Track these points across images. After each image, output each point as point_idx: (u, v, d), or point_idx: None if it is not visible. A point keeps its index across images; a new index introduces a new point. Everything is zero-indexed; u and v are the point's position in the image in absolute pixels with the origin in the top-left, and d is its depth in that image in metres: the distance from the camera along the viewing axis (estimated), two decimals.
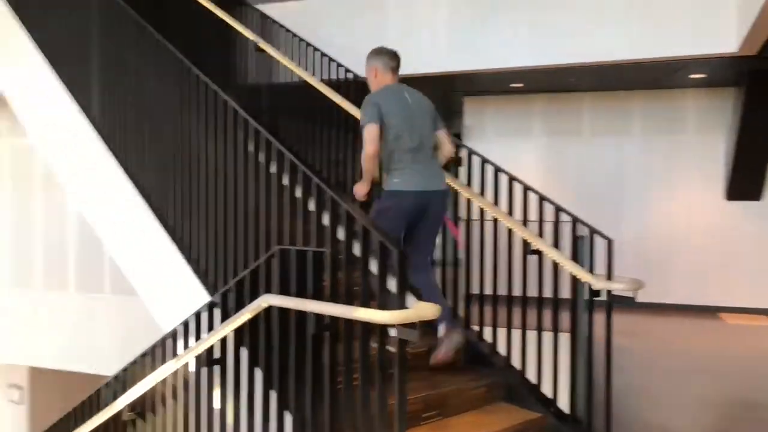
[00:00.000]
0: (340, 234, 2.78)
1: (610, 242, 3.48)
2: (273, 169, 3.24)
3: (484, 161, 4.10)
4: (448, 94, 8.87)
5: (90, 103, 4.98)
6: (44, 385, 9.59)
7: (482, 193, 4.11)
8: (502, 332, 3.94)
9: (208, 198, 3.75)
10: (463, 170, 4.28)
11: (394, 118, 3.41)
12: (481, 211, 4.04)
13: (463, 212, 4.22)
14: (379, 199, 3.53)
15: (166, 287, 4.20)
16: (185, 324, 3.41)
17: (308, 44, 5.79)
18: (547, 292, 3.76)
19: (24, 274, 8.69)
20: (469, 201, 4.13)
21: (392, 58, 3.67)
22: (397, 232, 3.39)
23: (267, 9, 6.73)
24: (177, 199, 4.04)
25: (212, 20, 6.18)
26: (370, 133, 3.35)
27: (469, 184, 4.16)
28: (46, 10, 5.69)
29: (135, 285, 4.48)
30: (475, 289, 4.14)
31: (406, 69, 6.79)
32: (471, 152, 4.21)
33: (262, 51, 5.62)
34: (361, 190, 3.51)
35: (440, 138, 3.67)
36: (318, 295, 2.73)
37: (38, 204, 8.61)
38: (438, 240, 4.27)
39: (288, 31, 6.06)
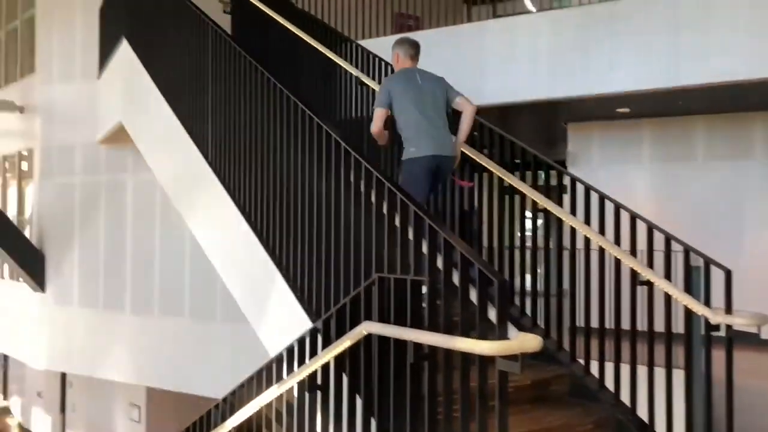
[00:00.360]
0: (440, 262, 2.77)
1: (728, 273, 3.25)
2: (373, 197, 3.30)
3: (589, 189, 3.97)
4: (551, 121, 8.70)
5: (204, 138, 5.32)
6: (160, 405, 10.15)
7: (587, 221, 3.98)
8: (609, 367, 3.76)
9: (311, 227, 3.87)
10: (566, 198, 4.17)
11: (405, 98, 4.00)
12: (587, 241, 3.91)
13: (567, 241, 4.10)
14: (401, 172, 4.06)
15: (272, 314, 4.35)
16: (289, 349, 3.50)
17: None
18: (659, 326, 3.56)
19: (144, 301, 9.28)
20: (573, 230, 4.01)
21: (412, 46, 4.30)
22: (423, 194, 3.90)
23: (368, 44, 6.93)
24: (283, 229, 4.19)
25: (317, 57, 6.46)
26: (376, 115, 4.03)
27: (573, 212, 4.05)
28: (167, 57, 6.17)
29: (245, 311, 4.68)
30: (580, 321, 3.99)
31: (506, 96, 6.80)
32: (575, 180, 4.10)
33: (364, 84, 5.80)
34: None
35: (460, 103, 4.15)
36: (417, 324, 2.72)
37: (157, 234, 9.21)
38: (540, 270, 4.18)
39: (388, 64, 6.20)
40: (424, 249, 2.91)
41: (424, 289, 2.78)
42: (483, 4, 8.17)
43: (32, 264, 9.74)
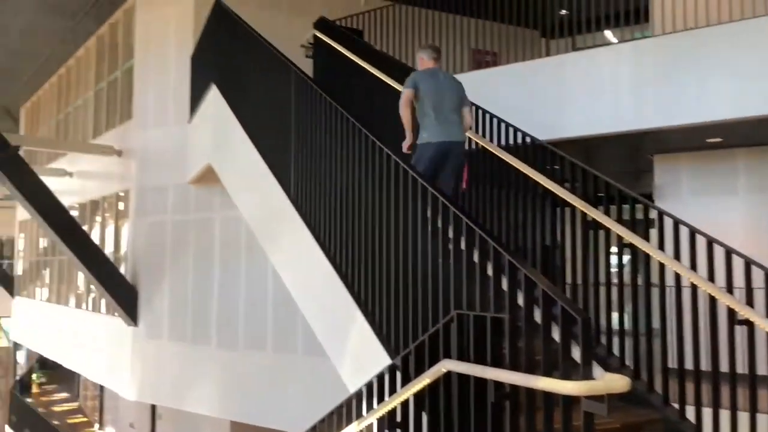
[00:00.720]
0: (520, 299, 2.71)
1: None
2: (451, 233, 3.29)
3: (678, 223, 3.80)
4: (636, 153, 8.41)
5: (287, 177, 5.49)
6: None
7: (677, 257, 3.79)
8: (707, 412, 3.52)
9: (390, 263, 3.88)
10: (654, 233, 4.00)
11: (427, 91, 4.59)
12: (677, 277, 3.72)
13: (655, 277, 3.91)
14: (414, 152, 4.61)
15: (351, 349, 4.37)
16: (368, 386, 3.50)
17: (485, 111, 5.89)
18: (762, 369, 3.31)
19: (229, 335, 9.54)
20: (662, 266, 3.83)
21: (434, 50, 4.95)
22: (428, 172, 4.37)
23: None
24: (361, 265, 4.23)
25: (394, 95, 6.57)
26: (404, 92, 4.61)
27: (661, 247, 3.87)
28: (253, 100, 6.46)
29: (325, 346, 4.73)
30: (673, 363, 3.77)
31: (588, 129, 6.65)
32: (662, 213, 3.93)
33: None
34: (405, 144, 4.56)
35: (464, 113, 4.78)
36: (497, 362, 2.66)
37: (242, 270, 9.50)
38: (628, 307, 4.01)
39: None
40: (504, 285, 2.85)
41: (505, 327, 2.72)
42: (561, 38, 8.10)
43: (126, 299, 10.25)
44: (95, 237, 12.16)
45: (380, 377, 3.39)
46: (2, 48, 13.44)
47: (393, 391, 3.26)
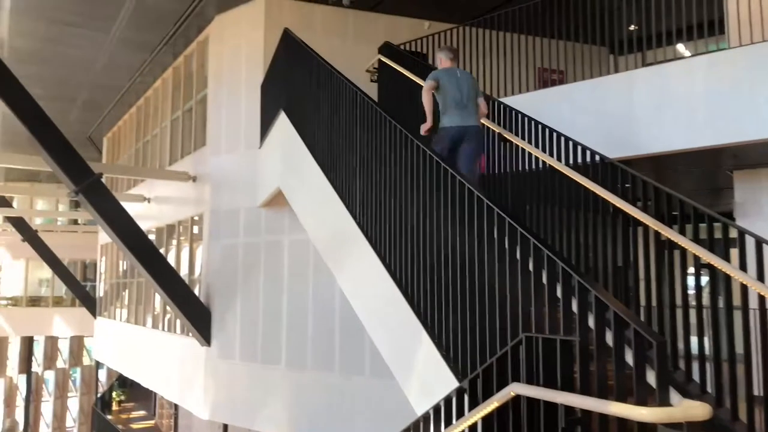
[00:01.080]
0: (591, 322, 2.64)
1: None
2: (518, 254, 3.24)
3: (761, 242, 3.61)
4: (714, 170, 8.07)
5: (353, 199, 5.57)
6: None
7: (761, 278, 3.60)
8: None
9: (456, 284, 3.86)
10: (734, 252, 3.82)
11: (446, 86, 5.35)
12: (761, 299, 3.53)
13: (737, 299, 3.72)
14: (436, 136, 5.35)
15: (418, 371, 4.35)
16: (436, 409, 3.47)
17: (551, 130, 5.81)
18: None
19: (298, 355, 9.68)
20: (744, 287, 3.64)
21: (451, 51, 5.70)
22: (444, 152, 5.13)
23: (511, 101, 6.95)
24: (427, 286, 4.22)
25: None
26: (427, 83, 5.37)
27: (743, 268, 3.69)
28: (319, 125, 6.60)
29: (391, 367, 4.72)
30: (759, 390, 3.57)
31: (660, 146, 6.44)
32: (743, 232, 3.75)
33: (507, 140, 5.79)
34: (424, 127, 5.28)
35: (479, 102, 5.50)
36: (567, 386, 2.59)
37: (310, 291, 9.64)
38: (709, 331, 3.83)
39: (531, 119, 6.16)
40: (574, 307, 2.79)
41: (575, 350, 2.65)
42: (631, 54, 7.91)
43: (200, 320, 10.56)
44: (171, 260, 12.64)
45: (447, 400, 3.36)
46: (87, 82, 14.31)
47: (461, 414, 3.22)
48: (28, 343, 29.23)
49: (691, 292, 4.36)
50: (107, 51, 12.33)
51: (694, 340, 4.12)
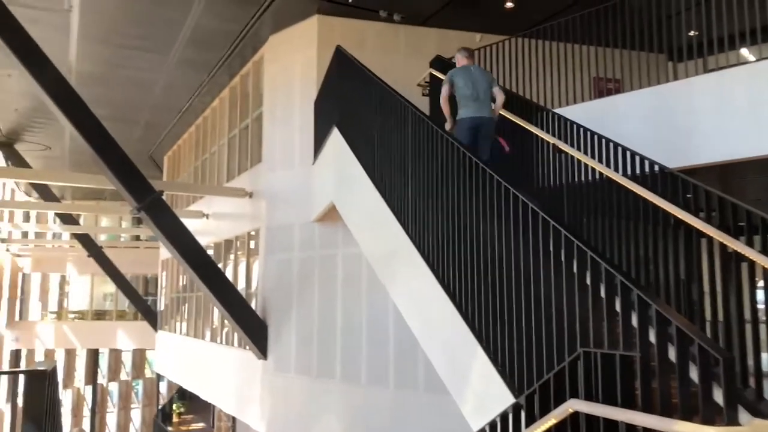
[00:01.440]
0: (652, 337, 2.55)
1: None
2: (575, 267, 3.17)
3: None
4: None
5: (405, 213, 5.57)
6: None
7: None
8: None
9: (511, 298, 3.80)
10: None
11: (462, 83, 6.05)
12: None
13: None
14: (456, 127, 6.02)
15: (473, 386, 4.29)
16: (492, 425, 3.41)
17: (607, 140, 5.68)
18: None
19: (352, 369, 9.70)
20: None
21: (467, 51, 6.47)
22: (467, 141, 5.69)
23: (566, 111, 6.84)
24: (481, 301, 4.17)
25: (511, 127, 6.52)
26: (443, 90, 6.12)
27: None
28: (372, 140, 6.65)
29: (446, 382, 4.67)
30: None
31: (724, 155, 6.20)
32: None
33: (562, 152, 5.69)
34: (447, 126, 6.01)
35: (495, 91, 6.18)
36: (629, 403, 2.50)
37: (363, 305, 9.67)
38: None
39: (587, 129, 6.04)
40: (634, 322, 2.70)
41: (636, 366, 2.57)
42: (691, 60, 7.67)
43: (257, 333, 10.73)
44: (229, 274, 12.92)
45: (504, 416, 3.30)
46: (148, 103, 14.86)
47: (517, 431, 3.15)
48: (93, 356, 30.30)
49: (761, 306, 4.16)
50: (167, 72, 12.79)
51: (765, 357, 3.93)
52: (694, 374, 2.26)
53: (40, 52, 8.62)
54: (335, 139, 7.92)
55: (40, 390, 4.94)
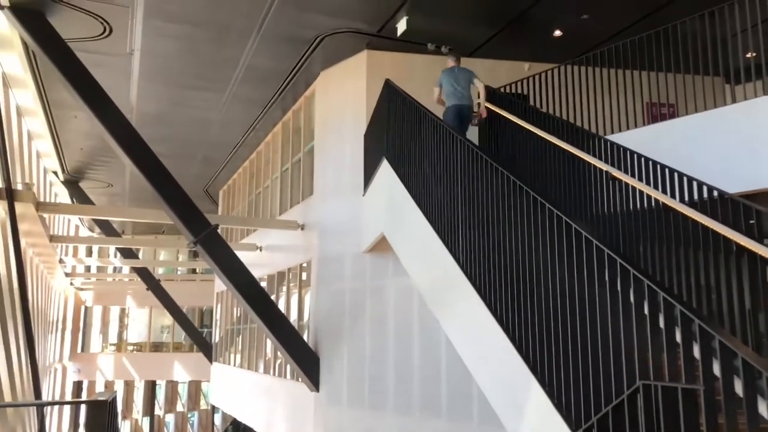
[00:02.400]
0: (716, 369, 2.44)
1: None
2: (632, 297, 3.08)
3: None
4: None
5: (457, 244, 5.54)
6: None
7: None
8: None
9: (566, 330, 3.71)
10: None
11: (444, 82, 7.93)
12: None
13: None
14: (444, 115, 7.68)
15: (528, 420, 4.18)
16: None
17: (662, 166, 5.54)
18: None
19: (405, 402, 9.59)
20: None
21: (453, 53, 8.31)
22: (454, 123, 7.48)
23: (619, 138, 6.73)
24: (536, 332, 4.09)
25: (563, 155, 6.44)
26: (435, 91, 8.00)
27: None
28: (422, 171, 6.68)
29: (500, 416, 4.57)
30: None
31: None
32: None
33: (616, 179, 5.58)
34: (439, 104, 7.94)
35: (477, 84, 7.94)
36: None
37: (415, 336, 9.59)
38: None
39: (642, 156, 5.91)
40: (696, 353, 2.59)
41: (700, 400, 2.46)
42: (749, 82, 7.45)
43: (309, 365, 10.75)
44: (281, 306, 13.05)
45: None
46: (205, 140, 15.36)
47: None
48: (151, 387, 30.93)
49: None
50: (223, 110, 13.22)
51: None
52: (763, 409, 2.15)
53: (103, 94, 9.06)
54: (385, 170, 7.99)
55: (100, 419, 5.07)
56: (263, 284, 14.16)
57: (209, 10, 9.14)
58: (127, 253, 21.36)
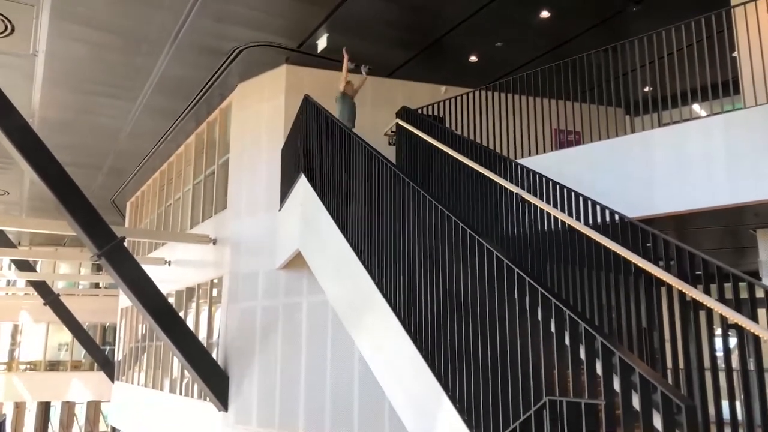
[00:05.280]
0: (616, 384, 2.57)
1: None
2: (539, 314, 3.19)
3: None
4: (736, 229, 7.97)
5: (372, 260, 5.56)
6: None
7: None
8: None
9: (478, 347, 3.79)
10: (762, 312, 3.72)
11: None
12: None
13: None
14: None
15: None
16: None
17: (569, 190, 5.82)
18: None
19: (316, 421, 9.46)
20: None
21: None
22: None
23: (528, 162, 7.00)
24: (447, 349, 4.15)
25: (476, 177, 6.63)
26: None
27: None
28: (339, 187, 6.69)
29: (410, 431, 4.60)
30: None
31: (681, 205, 6.41)
32: None
33: (525, 201, 5.80)
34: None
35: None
36: None
37: (328, 354, 9.51)
38: (740, 394, 3.70)
39: (550, 180, 6.18)
40: (599, 370, 2.72)
41: (601, 414, 2.57)
42: (647, 114, 7.98)
43: (218, 384, 10.43)
44: (190, 323, 12.61)
45: None
46: (113, 149, 14.71)
47: None
48: (44, 409, 28.99)
49: (720, 354, 4.24)
50: (133, 119, 12.72)
51: (725, 404, 3.98)
52: (658, 422, 2.28)
53: (2, 96, 8.51)
54: (302, 185, 7.94)
55: None
56: (171, 300, 13.66)
57: (122, 17, 8.83)
58: (23, 266, 20.05)
